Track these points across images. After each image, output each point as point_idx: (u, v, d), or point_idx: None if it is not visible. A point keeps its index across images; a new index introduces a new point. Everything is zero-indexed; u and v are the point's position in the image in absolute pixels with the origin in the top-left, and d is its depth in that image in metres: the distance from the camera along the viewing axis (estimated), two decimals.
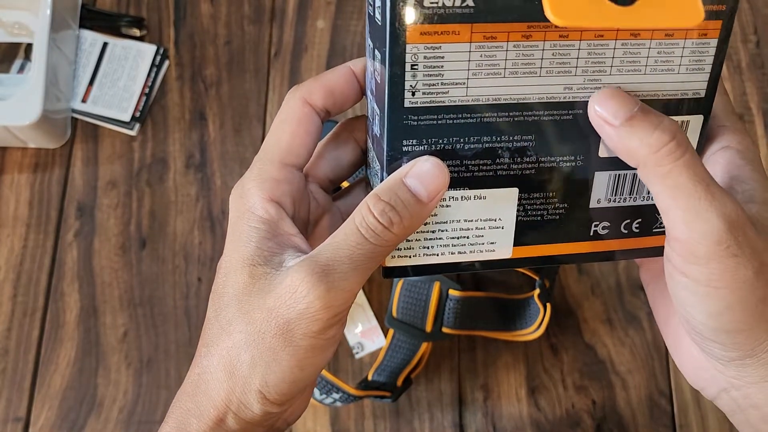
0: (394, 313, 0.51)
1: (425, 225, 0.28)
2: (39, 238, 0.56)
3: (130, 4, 0.63)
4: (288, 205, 0.30)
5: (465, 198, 0.28)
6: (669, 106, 0.28)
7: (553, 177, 0.28)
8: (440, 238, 0.29)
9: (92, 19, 0.62)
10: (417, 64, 0.25)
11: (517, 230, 0.29)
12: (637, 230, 0.30)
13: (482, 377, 0.52)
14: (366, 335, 0.54)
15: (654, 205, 0.30)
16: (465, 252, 0.29)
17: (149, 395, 0.52)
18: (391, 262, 0.29)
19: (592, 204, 0.29)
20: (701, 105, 0.28)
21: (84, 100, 0.60)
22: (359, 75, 0.31)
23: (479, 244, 0.29)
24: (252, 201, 0.30)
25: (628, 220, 0.30)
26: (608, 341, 0.53)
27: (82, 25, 0.62)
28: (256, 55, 0.62)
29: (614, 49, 0.26)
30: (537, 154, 0.28)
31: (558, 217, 0.29)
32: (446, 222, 0.28)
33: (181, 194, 0.58)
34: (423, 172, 0.27)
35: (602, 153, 0.28)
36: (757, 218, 0.28)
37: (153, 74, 0.61)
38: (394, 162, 0.27)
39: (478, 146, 0.27)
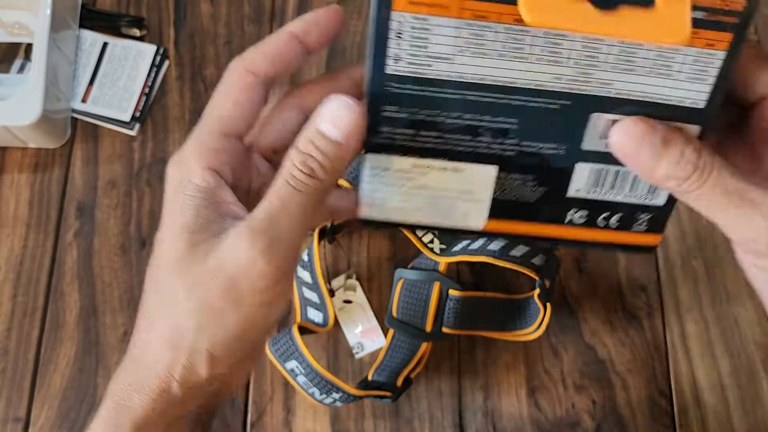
0: (394, 313, 0.51)
1: (401, 187, 0.29)
2: (39, 237, 0.56)
3: (130, 4, 0.63)
4: (227, 175, 0.30)
5: (443, 168, 0.28)
6: (662, 110, 0.27)
7: (533, 161, 0.28)
8: (416, 202, 0.29)
9: (92, 19, 0.62)
10: (402, 33, 0.26)
11: (492, 205, 0.29)
12: (616, 225, 0.30)
13: (482, 377, 0.52)
14: (366, 335, 0.54)
15: (637, 204, 0.30)
16: (438, 218, 0.30)
17: None
18: (366, 213, 0.30)
19: (570, 193, 0.29)
20: (699, 116, 0.27)
21: (84, 100, 0.60)
22: (300, 35, 0.30)
23: (454, 213, 0.29)
24: (189, 170, 0.29)
25: (607, 214, 0.30)
26: (608, 341, 0.53)
27: (82, 25, 0.62)
28: None
29: (610, 45, 0.26)
30: (519, 138, 0.28)
31: (534, 200, 0.29)
32: (423, 187, 0.29)
33: None
34: (334, 114, 0.27)
35: (586, 146, 0.28)
36: None
37: (153, 74, 0.61)
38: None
39: (460, 122, 0.27)
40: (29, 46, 0.61)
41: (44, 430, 0.52)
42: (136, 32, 0.62)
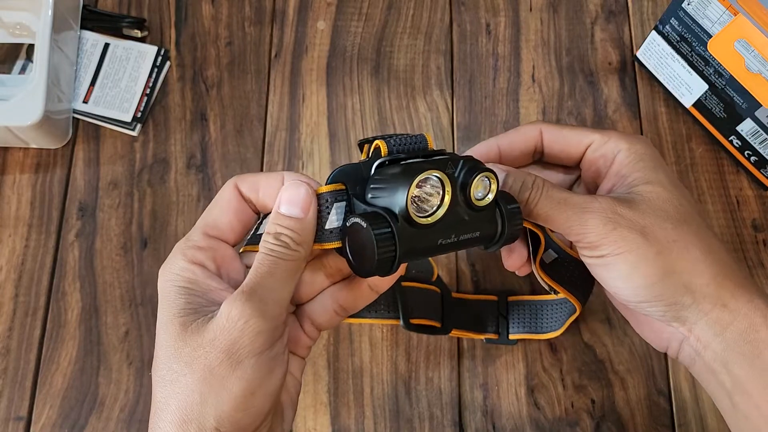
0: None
1: None
2: (41, 238, 0.57)
3: (131, 5, 0.64)
4: (212, 268, 0.33)
5: None
6: None
7: None
8: None
9: (93, 20, 0.62)
10: None
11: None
12: None
13: (482, 376, 0.53)
14: None
15: None
16: None
17: (150, 394, 0.53)
18: None
19: None
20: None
21: (85, 101, 0.60)
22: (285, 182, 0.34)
23: None
24: (176, 264, 0.32)
25: None
26: (607, 341, 0.53)
27: (83, 26, 0.62)
28: (257, 56, 0.62)
29: None
30: None
31: None
32: None
33: (183, 194, 0.58)
34: (289, 197, 0.32)
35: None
36: (639, 198, 0.35)
37: (154, 75, 0.61)
38: None
39: None
40: (31, 47, 0.61)
41: (46, 429, 0.52)
42: (138, 33, 0.62)
